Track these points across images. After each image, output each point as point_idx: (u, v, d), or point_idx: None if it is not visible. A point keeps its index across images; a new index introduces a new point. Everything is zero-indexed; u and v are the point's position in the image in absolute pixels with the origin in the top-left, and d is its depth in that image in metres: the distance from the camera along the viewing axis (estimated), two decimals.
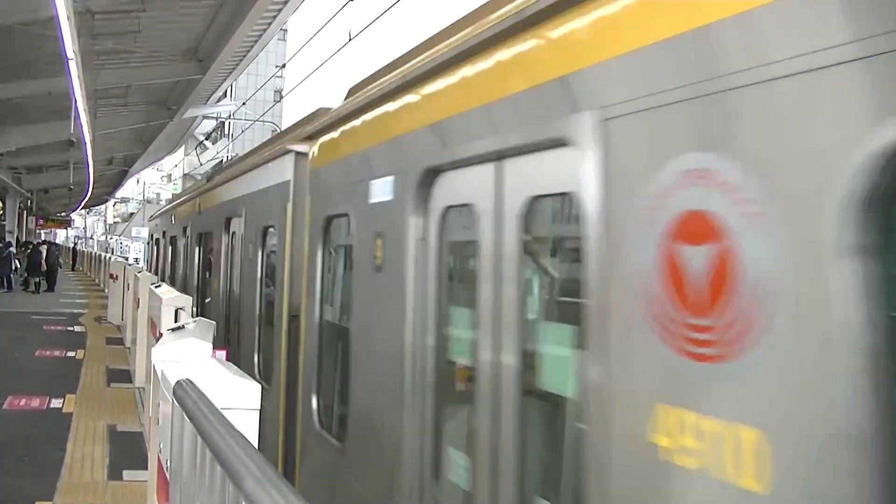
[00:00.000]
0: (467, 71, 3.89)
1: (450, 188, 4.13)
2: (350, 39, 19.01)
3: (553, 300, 3.56)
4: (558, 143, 3.07)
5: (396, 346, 4.43)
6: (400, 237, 4.47)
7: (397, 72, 4.84)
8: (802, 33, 2.00)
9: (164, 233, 21.53)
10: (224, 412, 3.16)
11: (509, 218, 3.52)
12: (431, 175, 4.24)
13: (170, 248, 19.69)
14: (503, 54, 3.55)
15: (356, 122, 5.53)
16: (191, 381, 3.64)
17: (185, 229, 16.11)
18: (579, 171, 2.88)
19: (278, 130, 29.01)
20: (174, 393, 3.67)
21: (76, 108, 21.98)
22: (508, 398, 3.45)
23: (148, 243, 31.01)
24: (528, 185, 3.41)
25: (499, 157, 3.60)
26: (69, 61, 16.68)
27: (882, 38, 1.78)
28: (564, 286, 3.43)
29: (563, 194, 3.22)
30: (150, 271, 19.30)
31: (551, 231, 3.52)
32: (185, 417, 3.32)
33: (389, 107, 4.93)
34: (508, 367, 3.47)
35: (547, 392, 3.42)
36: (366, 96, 5.28)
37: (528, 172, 3.41)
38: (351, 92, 6.15)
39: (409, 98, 4.64)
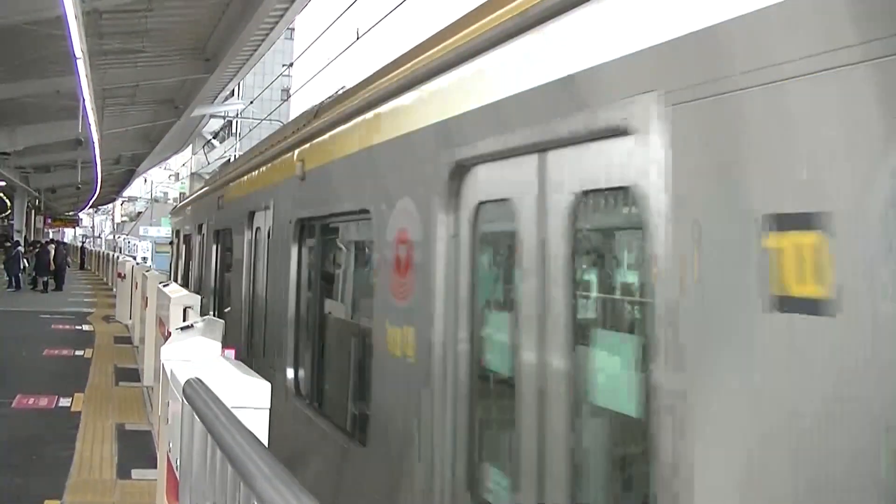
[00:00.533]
0: None
1: None
2: (358, 38, 19.02)
3: None
4: None
5: None
6: None
7: None
8: None
9: (199, 226, 14.51)
10: (234, 411, 3.15)
11: None
12: None
13: (214, 249, 12.79)
14: None
15: None
16: (200, 380, 3.63)
17: (251, 217, 9.33)
18: None
19: None
20: (184, 392, 3.66)
21: (84, 107, 22.03)
22: None
23: (171, 243, 22.21)
24: None
25: None
26: (77, 61, 16.71)
27: None
28: None
29: None
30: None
31: None
32: (195, 416, 3.31)
33: None
34: None
35: None
36: None
37: None
38: None
39: None
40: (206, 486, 3.14)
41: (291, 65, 35.15)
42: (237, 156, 35.16)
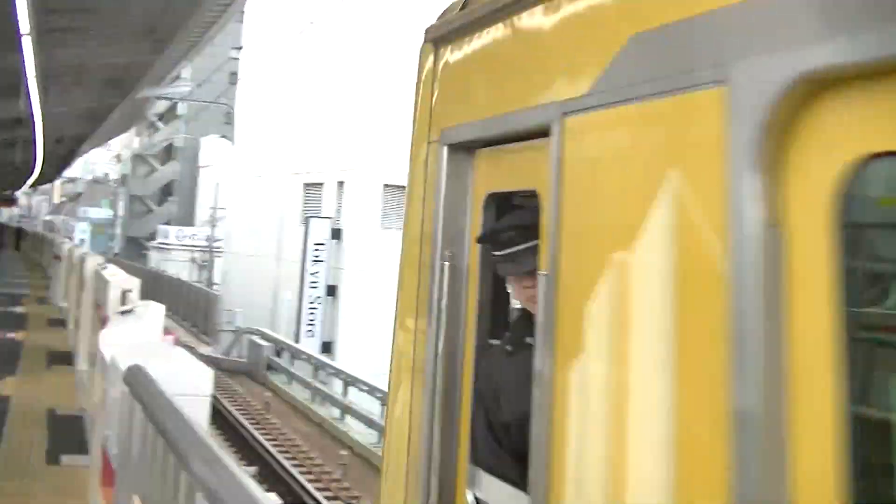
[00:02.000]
0: None
1: None
2: (311, 24, 18.90)
3: None
4: None
5: None
6: None
7: None
8: None
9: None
10: (175, 398, 3.11)
11: None
12: None
13: None
14: None
15: None
16: (141, 367, 3.58)
17: None
18: None
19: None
20: (124, 379, 3.61)
21: (26, 85, 21.50)
22: None
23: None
24: None
25: None
26: (22, 37, 16.30)
27: None
28: None
29: None
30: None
31: None
32: (136, 403, 3.27)
33: None
34: None
35: None
36: None
37: None
38: None
39: None
40: (144, 473, 3.11)
41: (241, 48, 34.77)
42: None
